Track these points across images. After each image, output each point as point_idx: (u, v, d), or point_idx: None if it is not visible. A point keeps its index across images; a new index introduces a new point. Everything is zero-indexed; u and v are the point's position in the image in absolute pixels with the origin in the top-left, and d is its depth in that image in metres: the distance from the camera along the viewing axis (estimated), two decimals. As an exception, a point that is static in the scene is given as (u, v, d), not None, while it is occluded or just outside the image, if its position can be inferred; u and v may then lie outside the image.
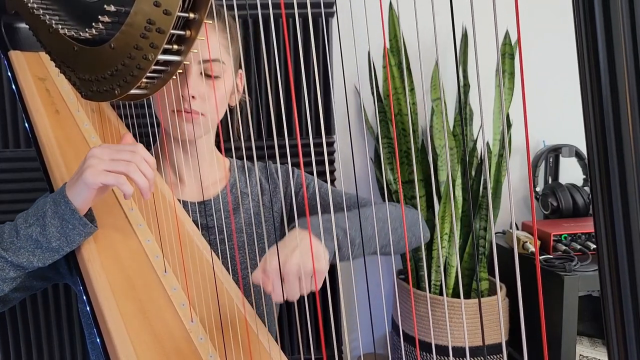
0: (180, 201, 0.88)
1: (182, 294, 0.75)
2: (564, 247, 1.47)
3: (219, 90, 0.84)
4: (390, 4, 1.50)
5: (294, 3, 0.65)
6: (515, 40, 1.55)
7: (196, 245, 0.82)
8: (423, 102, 1.61)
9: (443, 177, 1.50)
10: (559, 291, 1.34)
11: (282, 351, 0.76)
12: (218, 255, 0.84)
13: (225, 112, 0.92)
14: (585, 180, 1.69)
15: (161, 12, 0.63)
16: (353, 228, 0.79)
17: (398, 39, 1.51)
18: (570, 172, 1.74)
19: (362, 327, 1.69)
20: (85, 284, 0.73)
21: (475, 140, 1.61)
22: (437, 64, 1.58)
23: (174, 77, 0.79)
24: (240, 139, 0.90)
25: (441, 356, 1.42)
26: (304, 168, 0.82)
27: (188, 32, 0.67)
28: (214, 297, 0.75)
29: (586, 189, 1.66)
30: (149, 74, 0.68)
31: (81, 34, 0.69)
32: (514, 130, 1.58)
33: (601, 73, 0.36)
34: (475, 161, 1.54)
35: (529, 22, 1.63)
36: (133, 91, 0.71)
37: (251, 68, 1.40)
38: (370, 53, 1.55)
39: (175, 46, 0.67)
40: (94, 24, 0.67)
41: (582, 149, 1.69)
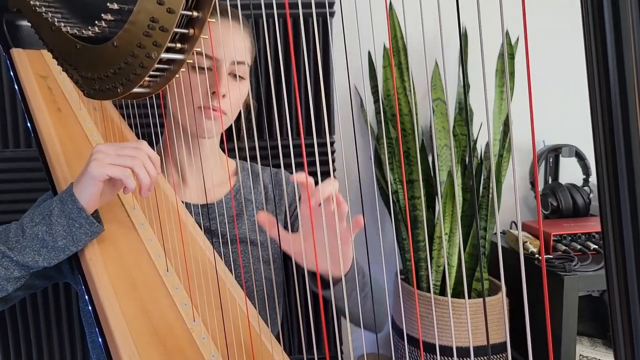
0: (182, 203, 0.87)
1: (184, 293, 0.75)
2: (564, 247, 1.47)
3: (242, 92, 0.86)
4: (391, 3, 1.50)
5: (297, 3, 0.65)
6: (515, 40, 1.55)
7: (199, 245, 0.81)
8: (428, 101, 1.61)
9: (443, 177, 1.50)
10: (559, 291, 1.35)
11: (284, 351, 0.76)
12: (221, 257, 0.84)
13: None
14: (586, 180, 1.69)
15: (164, 10, 0.63)
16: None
17: (398, 39, 1.51)
18: (570, 172, 1.74)
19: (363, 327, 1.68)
20: (87, 283, 0.73)
21: (475, 140, 1.61)
22: (437, 64, 1.58)
23: (202, 73, 0.79)
24: (245, 139, 0.89)
25: (443, 356, 1.42)
26: (302, 168, 0.82)
27: (191, 31, 0.66)
28: (216, 297, 0.75)
29: (586, 189, 1.66)
30: (152, 73, 0.68)
31: (84, 31, 0.69)
32: (514, 130, 1.58)
33: (610, 71, 0.36)
34: (475, 161, 1.54)
35: (528, 23, 1.63)
36: (136, 90, 0.70)
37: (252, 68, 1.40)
38: (371, 53, 1.55)
39: (178, 44, 0.67)
40: (96, 22, 0.67)
41: (582, 149, 1.69)
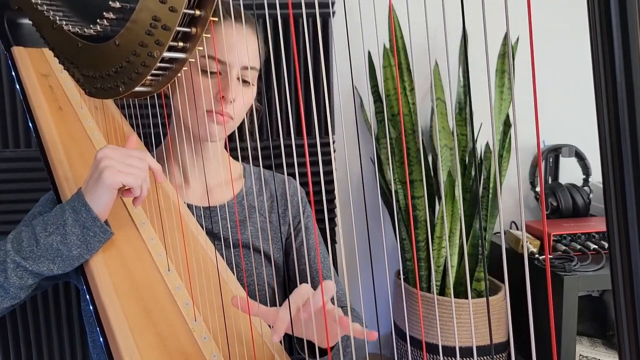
0: (184, 203, 0.87)
1: (186, 292, 0.75)
2: (564, 247, 1.47)
3: (248, 97, 0.86)
4: (390, 3, 1.50)
5: (298, 3, 0.65)
6: (515, 40, 1.55)
7: (200, 244, 0.81)
8: (428, 101, 1.60)
9: (443, 177, 1.50)
10: (559, 291, 1.35)
11: (285, 351, 0.75)
12: (223, 259, 0.84)
13: None
14: (585, 180, 1.69)
15: (167, 9, 0.63)
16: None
17: (398, 39, 1.51)
18: (570, 172, 1.74)
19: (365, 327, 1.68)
20: (88, 282, 0.73)
21: (475, 140, 1.61)
22: (438, 64, 1.58)
23: (212, 77, 0.80)
24: (247, 140, 0.89)
25: (444, 356, 1.42)
26: (303, 168, 0.82)
27: (194, 29, 0.66)
28: (217, 297, 0.75)
29: (586, 189, 1.66)
30: (154, 72, 0.68)
31: (85, 30, 0.69)
32: (513, 130, 1.58)
33: (616, 72, 0.36)
34: (474, 161, 1.53)
35: (528, 23, 1.64)
36: (138, 88, 0.70)
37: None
38: (371, 53, 1.55)
39: (180, 43, 0.67)
40: (98, 21, 0.67)
41: (582, 149, 1.69)
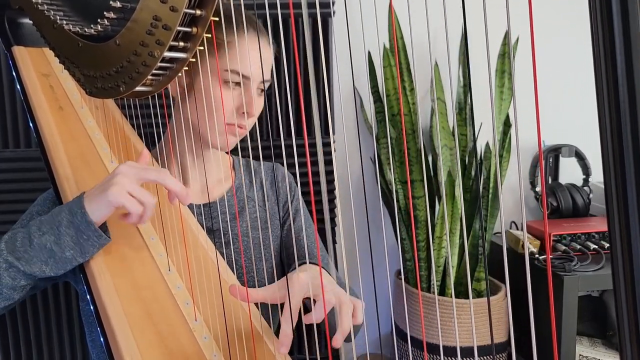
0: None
1: (186, 292, 0.75)
2: (564, 247, 1.47)
3: (261, 105, 0.87)
4: (391, 3, 1.50)
5: (298, 3, 0.65)
6: (515, 40, 1.55)
7: (200, 244, 0.81)
8: (428, 101, 1.61)
9: (443, 177, 1.50)
10: (559, 291, 1.35)
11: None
12: (223, 257, 0.84)
13: None
14: (585, 180, 1.69)
15: (168, 9, 0.63)
16: None
17: (398, 39, 1.51)
18: (570, 172, 1.74)
19: (365, 327, 1.68)
20: (88, 282, 0.73)
21: (475, 140, 1.61)
22: (438, 64, 1.58)
23: (234, 90, 0.82)
24: (247, 140, 0.90)
25: (444, 356, 1.42)
26: (303, 168, 0.82)
27: (194, 29, 0.66)
28: (218, 296, 0.75)
29: (586, 189, 1.66)
30: (154, 71, 0.68)
31: (86, 30, 0.69)
32: (513, 130, 1.58)
33: (618, 71, 0.36)
34: (475, 161, 1.54)
35: (528, 23, 1.64)
36: (138, 88, 0.70)
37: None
38: (371, 53, 1.55)
39: (181, 43, 0.67)
40: (99, 20, 0.67)
41: (582, 149, 1.70)
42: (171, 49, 0.66)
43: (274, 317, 0.91)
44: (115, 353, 0.67)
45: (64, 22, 0.71)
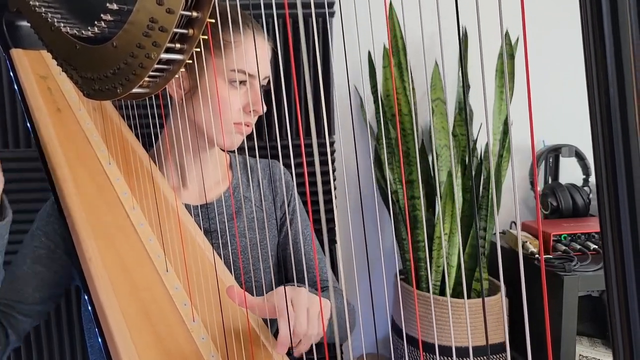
0: (182, 204, 0.88)
1: (184, 293, 0.75)
2: (564, 247, 1.47)
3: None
4: (391, 4, 1.50)
5: (296, 3, 0.65)
6: (515, 40, 1.55)
7: (198, 245, 0.81)
8: (428, 101, 1.61)
9: (443, 178, 1.50)
10: (559, 291, 1.34)
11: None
12: (220, 258, 0.84)
13: None
14: (585, 180, 1.69)
15: (164, 11, 0.63)
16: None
17: (398, 39, 1.51)
18: (570, 172, 1.74)
19: (363, 327, 1.68)
20: (86, 283, 0.73)
21: (475, 140, 1.61)
22: (437, 64, 1.58)
23: (240, 88, 0.82)
24: (245, 140, 0.90)
25: (442, 356, 1.42)
26: (303, 168, 0.83)
27: (191, 31, 0.66)
28: (215, 297, 0.75)
29: (586, 189, 1.66)
30: (151, 73, 0.68)
31: (83, 32, 0.69)
32: (513, 130, 1.58)
33: (608, 71, 0.36)
34: (475, 161, 1.54)
35: (528, 22, 1.64)
36: (135, 90, 0.70)
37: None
38: (371, 53, 1.55)
39: (178, 45, 0.67)
40: (96, 22, 0.67)
41: (582, 149, 1.69)
42: (168, 50, 0.66)
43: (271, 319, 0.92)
44: (112, 353, 0.67)
45: (62, 25, 0.71)
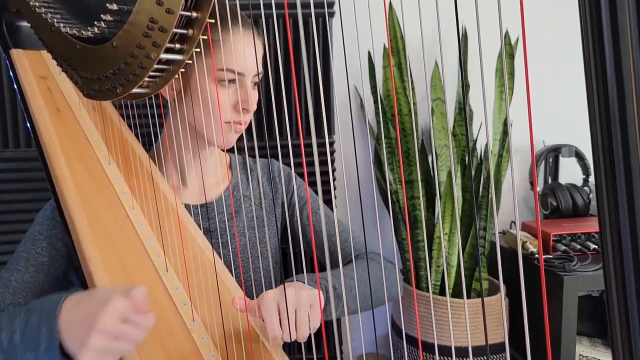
0: (182, 204, 0.88)
1: (184, 293, 0.75)
2: (564, 247, 1.47)
3: (256, 99, 0.87)
4: (391, 3, 1.50)
5: (296, 3, 0.65)
6: (515, 40, 1.55)
7: (198, 244, 0.82)
8: (428, 101, 1.61)
9: (443, 177, 1.50)
10: (559, 291, 1.34)
11: (284, 351, 0.76)
12: (220, 258, 0.84)
13: None
14: (585, 180, 1.69)
15: (164, 11, 0.63)
16: (338, 285, 0.82)
17: (398, 39, 1.51)
18: (570, 172, 1.74)
19: (363, 327, 1.69)
20: (86, 282, 0.73)
21: (475, 140, 1.61)
22: (437, 64, 1.58)
23: (231, 88, 0.81)
24: (244, 140, 0.90)
25: (442, 356, 1.42)
26: (303, 168, 0.83)
27: (191, 31, 0.67)
28: (215, 297, 0.75)
29: (586, 189, 1.66)
30: (151, 73, 0.68)
31: (83, 32, 0.69)
32: (513, 130, 1.58)
33: (607, 71, 0.36)
34: (475, 161, 1.54)
35: (527, 22, 1.64)
36: (135, 90, 0.70)
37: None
38: (371, 53, 1.55)
39: (177, 45, 0.67)
40: (95, 23, 0.67)
41: (582, 149, 1.69)
42: (167, 50, 0.66)
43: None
44: (113, 353, 0.67)
45: (62, 25, 0.72)
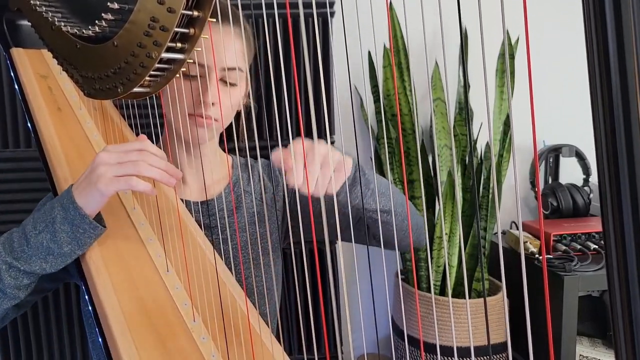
0: (182, 201, 0.87)
1: (184, 293, 0.75)
2: (564, 247, 1.47)
3: (234, 97, 0.85)
4: (391, 3, 1.50)
5: (297, 3, 0.65)
6: (515, 40, 1.55)
7: (199, 244, 0.81)
8: (428, 101, 1.60)
9: (443, 177, 1.50)
10: (559, 291, 1.35)
11: (285, 351, 0.76)
12: (221, 255, 0.84)
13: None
14: (586, 180, 1.69)
15: (165, 10, 0.63)
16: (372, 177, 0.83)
17: (398, 39, 1.51)
18: (571, 172, 1.74)
19: (363, 327, 1.68)
20: (87, 282, 0.73)
21: (475, 140, 1.61)
22: (438, 63, 1.58)
23: (193, 80, 0.79)
24: (245, 140, 0.90)
25: (443, 356, 1.42)
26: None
27: (192, 30, 0.66)
28: (216, 297, 0.75)
29: (586, 189, 1.66)
30: (152, 72, 0.68)
31: (84, 31, 0.69)
32: (513, 130, 1.58)
33: (611, 71, 0.36)
34: (475, 161, 1.54)
35: (528, 22, 1.64)
36: (136, 89, 0.70)
37: (254, 68, 1.40)
38: (371, 53, 1.55)
39: (179, 44, 0.67)
40: (96, 22, 0.67)
41: (582, 149, 1.69)
42: (169, 50, 0.66)
43: (272, 317, 0.92)
44: (113, 353, 0.67)
45: (62, 24, 0.71)
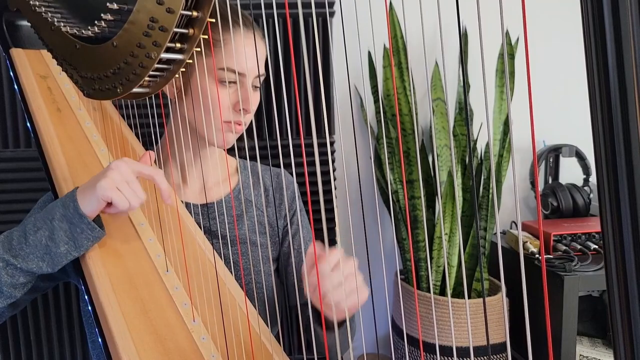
0: (182, 202, 0.87)
1: (184, 293, 0.75)
2: (564, 247, 1.47)
3: (257, 100, 0.87)
4: (391, 3, 1.50)
5: (297, 3, 0.65)
6: (516, 40, 1.55)
7: (198, 245, 0.81)
8: (428, 101, 1.60)
9: (443, 177, 1.50)
10: (559, 291, 1.34)
11: (284, 351, 0.76)
12: (220, 258, 0.84)
13: None
14: (586, 180, 1.69)
15: (164, 10, 0.63)
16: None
17: (398, 39, 1.51)
18: (571, 172, 1.74)
19: (363, 327, 1.68)
20: (86, 283, 0.73)
21: (475, 140, 1.61)
22: (438, 63, 1.58)
23: (231, 88, 0.81)
24: (245, 139, 0.90)
25: (442, 356, 1.42)
26: (303, 168, 0.82)
27: (191, 31, 0.67)
28: (216, 297, 0.75)
29: (586, 189, 1.66)
30: (151, 73, 0.68)
31: (83, 31, 0.69)
32: (513, 130, 1.58)
33: (609, 71, 0.36)
34: (475, 161, 1.54)
35: (527, 22, 1.63)
36: (135, 89, 0.70)
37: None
38: (371, 53, 1.55)
39: (178, 44, 0.67)
40: (96, 22, 0.67)
41: (582, 149, 1.69)
42: (168, 50, 0.66)
43: (272, 318, 0.91)
44: (113, 353, 0.67)
45: (62, 24, 0.72)
